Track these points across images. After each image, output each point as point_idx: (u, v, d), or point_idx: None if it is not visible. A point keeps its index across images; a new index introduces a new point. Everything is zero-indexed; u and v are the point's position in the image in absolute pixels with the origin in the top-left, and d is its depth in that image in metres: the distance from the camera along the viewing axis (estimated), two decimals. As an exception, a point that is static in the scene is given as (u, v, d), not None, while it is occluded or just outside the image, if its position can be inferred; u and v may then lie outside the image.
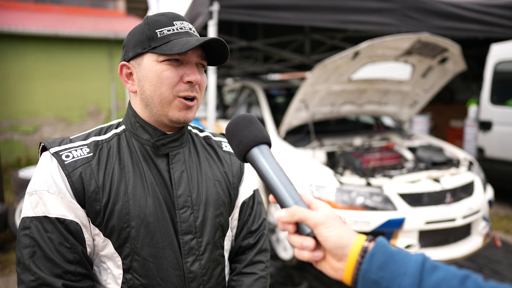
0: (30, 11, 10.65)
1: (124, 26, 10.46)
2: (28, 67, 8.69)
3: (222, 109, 5.83)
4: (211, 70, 3.12)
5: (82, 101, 9.42)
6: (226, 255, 1.11)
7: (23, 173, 4.56)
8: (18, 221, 3.95)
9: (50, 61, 8.94)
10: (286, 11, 3.19)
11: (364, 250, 0.57)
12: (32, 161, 8.59)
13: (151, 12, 13.77)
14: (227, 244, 1.10)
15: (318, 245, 0.61)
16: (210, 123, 3.30)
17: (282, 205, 0.64)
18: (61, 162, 0.88)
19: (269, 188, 0.66)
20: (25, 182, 4.30)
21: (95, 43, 9.39)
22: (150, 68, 0.91)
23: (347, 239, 0.59)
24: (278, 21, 3.22)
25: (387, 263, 0.55)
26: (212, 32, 2.94)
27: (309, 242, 0.60)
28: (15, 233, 3.92)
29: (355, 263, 0.57)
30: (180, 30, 0.92)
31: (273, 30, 5.13)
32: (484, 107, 5.51)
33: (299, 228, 0.62)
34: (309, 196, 0.66)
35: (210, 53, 0.98)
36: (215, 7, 2.90)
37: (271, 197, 0.66)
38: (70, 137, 0.96)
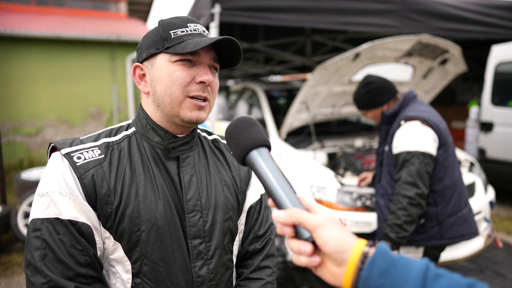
0: (32, 14, 10.71)
1: (125, 28, 10.51)
2: (31, 69, 8.74)
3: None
4: (213, 72, 3.13)
5: (84, 103, 9.45)
6: (235, 259, 1.10)
7: (26, 175, 4.58)
8: (20, 223, 3.96)
9: (52, 63, 8.98)
10: (287, 13, 3.21)
11: (364, 256, 0.55)
12: (34, 163, 8.62)
13: (154, 12, 13.78)
14: (236, 248, 1.10)
15: (316, 250, 0.60)
16: (210, 124, 3.31)
17: (281, 208, 0.63)
18: (72, 164, 0.87)
19: (267, 192, 0.65)
20: (27, 184, 4.32)
21: (97, 45, 9.43)
22: (163, 68, 0.91)
23: (347, 243, 0.57)
24: (279, 23, 3.23)
25: (389, 270, 0.53)
26: (213, 34, 2.95)
27: (307, 247, 0.58)
28: (18, 235, 3.93)
29: (355, 269, 0.55)
30: (194, 32, 0.92)
31: (274, 32, 5.14)
32: (485, 108, 5.51)
33: (297, 232, 0.60)
34: (309, 200, 0.64)
35: (222, 56, 0.97)
36: (217, 9, 2.91)
37: (269, 200, 0.65)
38: (81, 138, 0.95)
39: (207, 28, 3.07)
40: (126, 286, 0.91)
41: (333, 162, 3.56)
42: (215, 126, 3.31)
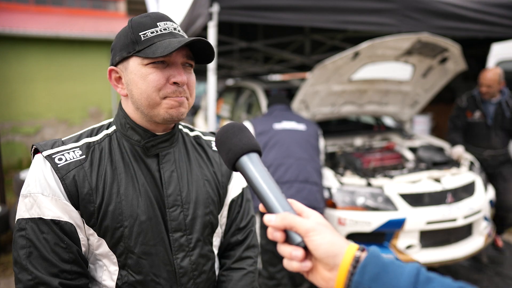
0: (31, 13, 10.68)
1: (124, 27, 10.47)
2: (29, 69, 8.71)
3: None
4: (211, 71, 3.12)
5: (83, 102, 9.44)
6: (216, 250, 1.14)
7: (25, 174, 4.57)
8: (19, 223, 3.96)
9: (51, 62, 8.96)
10: (286, 11, 3.19)
11: (356, 260, 0.55)
12: (33, 163, 8.61)
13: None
14: (216, 240, 1.14)
15: (308, 255, 0.60)
16: (210, 124, 3.30)
17: (272, 213, 0.63)
18: (54, 165, 0.90)
19: (258, 197, 0.65)
20: (26, 184, 4.31)
21: (96, 44, 9.40)
22: (136, 71, 0.92)
23: (339, 248, 0.57)
24: (278, 22, 3.22)
25: (380, 274, 0.53)
26: (212, 33, 2.94)
27: (298, 251, 0.58)
28: (17, 234, 3.92)
29: (347, 274, 0.55)
30: (164, 31, 0.92)
31: (273, 30, 5.13)
32: (485, 106, 5.48)
33: (288, 237, 0.60)
34: (300, 205, 0.64)
35: (197, 52, 0.97)
36: (215, 8, 2.90)
37: (261, 206, 0.65)
38: (62, 139, 0.98)
39: (206, 27, 3.05)
40: (113, 278, 0.95)
41: (333, 161, 3.55)
42: (214, 127, 3.30)
